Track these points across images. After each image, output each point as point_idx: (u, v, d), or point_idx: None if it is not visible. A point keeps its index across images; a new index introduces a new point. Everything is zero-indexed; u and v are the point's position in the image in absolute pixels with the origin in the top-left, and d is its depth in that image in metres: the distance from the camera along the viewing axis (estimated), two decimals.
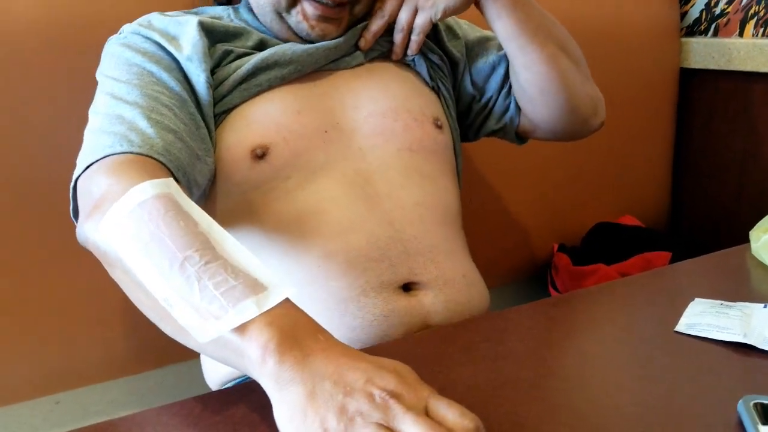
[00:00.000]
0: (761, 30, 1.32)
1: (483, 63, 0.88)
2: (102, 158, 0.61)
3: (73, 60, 0.88)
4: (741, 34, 1.36)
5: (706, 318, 0.62)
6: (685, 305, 0.66)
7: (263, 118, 0.73)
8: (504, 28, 0.80)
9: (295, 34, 0.78)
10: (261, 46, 0.78)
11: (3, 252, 0.88)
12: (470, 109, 0.91)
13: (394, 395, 0.41)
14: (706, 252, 1.26)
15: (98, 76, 0.73)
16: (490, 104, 0.90)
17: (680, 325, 0.62)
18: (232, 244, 0.52)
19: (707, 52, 1.41)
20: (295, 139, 0.72)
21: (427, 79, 0.85)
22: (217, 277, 0.48)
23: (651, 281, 0.73)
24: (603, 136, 1.00)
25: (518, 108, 0.88)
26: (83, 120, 0.69)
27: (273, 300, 0.47)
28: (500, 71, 0.87)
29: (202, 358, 0.79)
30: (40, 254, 0.89)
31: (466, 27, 0.92)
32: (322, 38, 0.77)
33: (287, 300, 0.48)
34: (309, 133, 0.73)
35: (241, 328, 0.45)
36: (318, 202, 0.71)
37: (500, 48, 0.87)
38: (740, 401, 0.48)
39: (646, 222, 1.41)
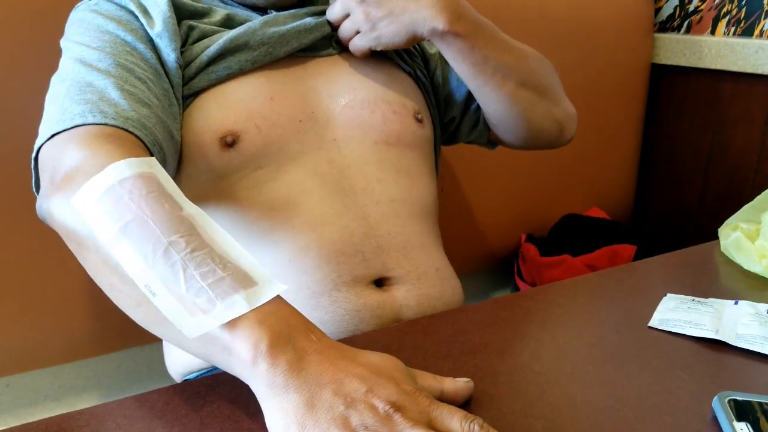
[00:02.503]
0: (733, 29, 1.34)
1: (453, 75, 0.86)
2: (71, 128, 0.56)
3: (38, 27, 0.83)
4: (713, 32, 1.38)
5: (678, 314, 0.62)
6: (658, 300, 0.66)
7: (234, 103, 0.69)
8: (459, 70, 0.78)
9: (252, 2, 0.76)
10: (227, 22, 0.74)
11: None
12: (446, 109, 0.89)
13: (397, 407, 0.40)
14: (670, 246, 1.28)
15: (64, 42, 0.68)
16: (457, 119, 0.89)
17: (653, 320, 0.62)
18: (219, 232, 0.48)
19: (679, 49, 1.42)
20: (267, 127, 0.69)
21: (403, 65, 0.83)
22: (203, 267, 0.45)
23: (624, 275, 0.73)
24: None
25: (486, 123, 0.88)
26: (35, 88, 0.65)
27: (264, 296, 0.44)
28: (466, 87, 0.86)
29: (165, 347, 0.76)
30: None
31: None
32: (274, 3, 0.75)
33: (278, 296, 0.45)
34: (283, 122, 0.70)
35: (230, 325, 0.43)
36: (290, 194, 0.68)
37: None
38: (715, 398, 0.48)
39: (611, 214, 1.42)
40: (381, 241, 0.69)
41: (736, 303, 0.64)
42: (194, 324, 0.43)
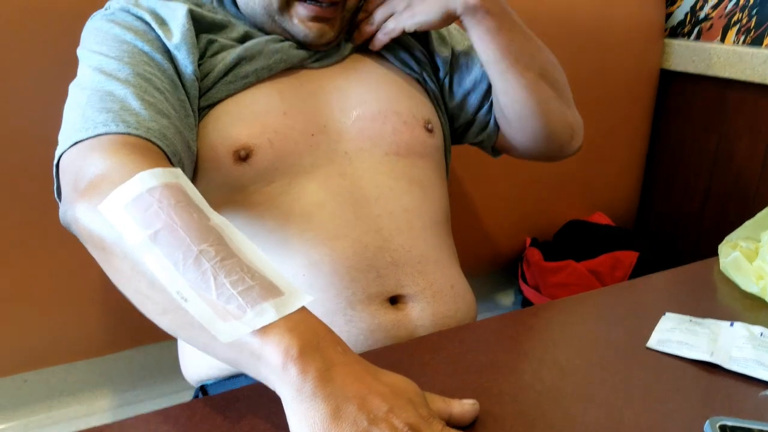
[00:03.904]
0: (742, 38, 1.35)
1: (466, 76, 0.87)
2: (94, 136, 0.58)
3: (56, 35, 0.85)
4: (723, 40, 1.39)
5: (676, 335, 0.65)
6: (657, 318, 0.68)
7: (248, 117, 0.70)
8: (485, 52, 0.79)
9: (291, 36, 0.77)
10: (245, 38, 0.75)
11: None
12: (452, 117, 0.90)
13: (414, 429, 0.43)
14: (671, 254, 1.31)
15: (81, 51, 0.69)
16: (469, 120, 0.89)
17: (652, 340, 0.64)
18: (245, 242, 0.50)
19: (688, 56, 1.43)
20: (280, 141, 0.70)
21: (412, 72, 0.84)
22: (233, 276, 0.46)
23: (624, 293, 0.75)
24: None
25: (497, 125, 0.88)
26: (51, 94, 0.65)
27: (292, 306, 0.46)
28: (482, 87, 0.86)
29: (181, 352, 0.78)
30: (10, 233, 0.87)
31: (456, 34, 0.90)
32: (320, 39, 0.75)
33: (303, 306, 0.48)
34: (295, 136, 0.71)
35: (261, 331, 0.45)
36: (303, 207, 0.69)
37: None
38: (707, 422, 0.51)
39: (615, 219, 1.45)
40: (395, 256, 0.70)
41: (731, 324, 0.67)
42: (227, 329, 0.45)
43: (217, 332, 0.45)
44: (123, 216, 0.49)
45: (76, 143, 0.58)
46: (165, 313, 0.49)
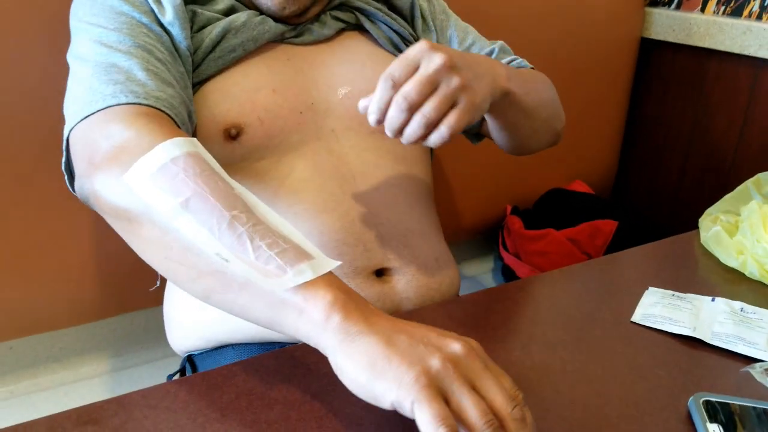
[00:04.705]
0: (722, 8, 1.35)
1: None
2: (104, 108, 0.58)
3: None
4: (703, 10, 1.39)
5: (659, 309, 0.67)
6: (640, 293, 0.70)
7: (238, 94, 0.70)
8: (503, 123, 0.76)
9: (258, 8, 0.75)
10: (230, 12, 0.74)
11: None
12: None
13: (455, 361, 0.43)
14: (649, 223, 1.33)
15: (76, 22, 0.67)
16: None
17: (636, 315, 0.66)
18: (269, 211, 0.52)
19: (668, 24, 1.44)
20: (270, 119, 0.70)
21: (404, 49, 0.83)
22: (267, 239, 0.48)
23: (608, 266, 0.77)
24: (560, 102, 1.02)
25: (480, 126, 0.89)
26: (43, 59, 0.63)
27: (325, 267, 0.48)
28: None
29: (167, 320, 0.79)
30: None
31: (438, 20, 0.87)
32: (282, 11, 0.74)
33: (330, 271, 0.49)
34: (284, 114, 0.71)
35: (302, 288, 0.46)
36: (291, 183, 0.70)
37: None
38: (691, 398, 0.53)
39: (594, 188, 1.47)
40: (382, 230, 0.71)
41: (713, 300, 0.69)
42: (276, 283, 0.46)
43: (268, 285, 0.46)
44: (149, 185, 0.50)
45: (86, 117, 0.58)
46: (200, 278, 0.50)
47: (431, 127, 0.58)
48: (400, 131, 0.58)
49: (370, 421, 0.49)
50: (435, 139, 0.58)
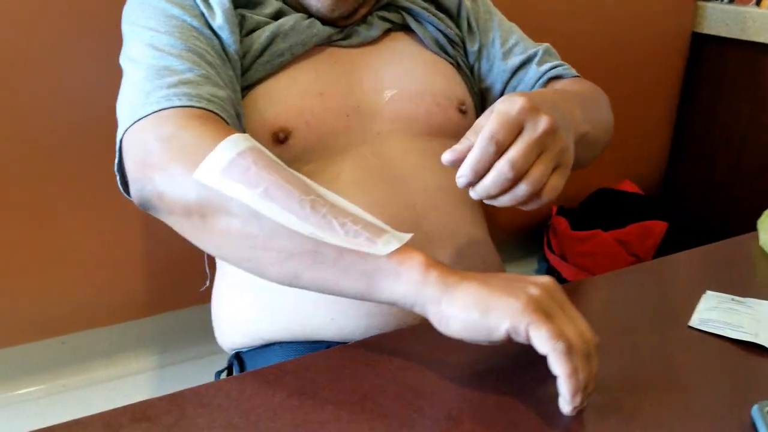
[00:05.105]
0: None
1: (493, 72, 0.85)
2: (157, 111, 0.58)
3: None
4: (758, 3, 1.35)
5: (718, 314, 0.64)
6: (697, 297, 0.68)
7: (286, 98, 0.70)
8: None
9: (306, 9, 0.75)
10: (278, 15, 0.74)
11: (21, 193, 0.88)
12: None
13: (556, 288, 0.49)
14: (701, 224, 1.29)
15: (128, 26, 0.68)
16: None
17: (693, 320, 0.64)
18: (335, 195, 0.54)
19: (722, 19, 1.40)
20: (317, 123, 0.70)
21: (446, 56, 0.82)
22: (348, 218, 0.51)
23: (662, 269, 0.75)
24: (608, 98, 0.99)
25: None
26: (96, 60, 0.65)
27: (404, 237, 0.52)
28: (497, 88, 0.85)
29: (215, 317, 0.79)
30: (50, 198, 0.89)
31: (495, 33, 0.86)
32: (331, 12, 0.74)
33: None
34: (331, 118, 0.71)
35: (394, 254, 0.50)
36: (338, 188, 0.70)
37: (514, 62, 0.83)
38: (755, 406, 0.51)
39: (641, 187, 1.43)
40: (428, 230, 0.70)
41: None
42: (377, 249, 0.50)
43: (372, 250, 0.50)
44: (223, 180, 0.52)
45: (139, 119, 0.59)
46: (289, 259, 0.52)
47: (536, 194, 0.54)
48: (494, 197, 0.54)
49: (422, 425, 0.48)
50: (534, 206, 0.55)
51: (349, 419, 0.48)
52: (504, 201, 0.54)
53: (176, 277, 0.96)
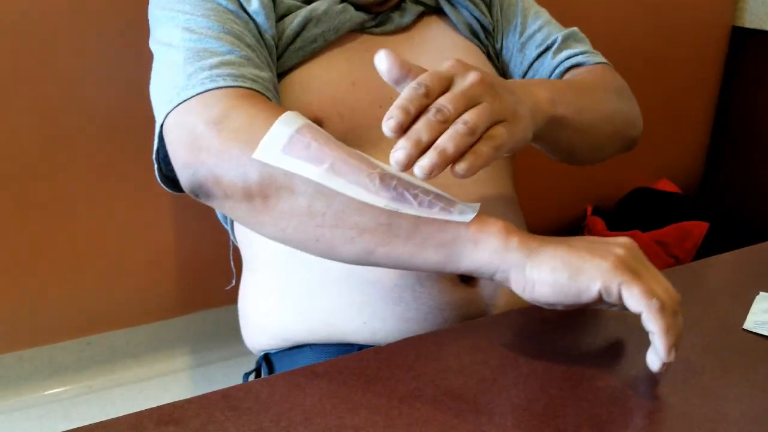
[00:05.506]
0: None
1: (513, 61, 0.83)
2: (202, 92, 0.56)
3: None
4: None
5: None
6: (748, 298, 0.64)
7: (319, 88, 0.68)
8: (539, 147, 0.73)
9: None
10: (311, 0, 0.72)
11: (47, 193, 0.87)
12: None
13: (638, 248, 0.50)
14: (743, 225, 1.25)
15: (159, 10, 0.66)
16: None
17: (748, 322, 0.60)
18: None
19: (764, 12, 1.35)
20: (349, 113, 0.68)
21: (483, 39, 0.80)
22: (417, 189, 0.50)
23: (707, 270, 0.71)
24: (643, 94, 0.94)
25: None
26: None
27: (475, 206, 0.51)
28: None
29: (243, 318, 0.77)
30: (80, 197, 0.88)
31: (517, 19, 0.83)
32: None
33: None
34: (363, 108, 0.69)
35: (473, 223, 0.50)
36: None
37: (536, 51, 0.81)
38: None
39: (679, 186, 1.39)
40: None
41: None
42: (456, 217, 0.49)
43: (453, 218, 0.49)
44: (285, 158, 0.51)
45: (183, 102, 0.57)
46: (361, 235, 0.51)
47: (468, 143, 0.47)
48: (422, 150, 0.47)
49: (464, 430, 0.45)
50: (468, 164, 0.47)
51: (386, 424, 0.46)
52: (441, 146, 0.46)
53: (203, 277, 0.95)
